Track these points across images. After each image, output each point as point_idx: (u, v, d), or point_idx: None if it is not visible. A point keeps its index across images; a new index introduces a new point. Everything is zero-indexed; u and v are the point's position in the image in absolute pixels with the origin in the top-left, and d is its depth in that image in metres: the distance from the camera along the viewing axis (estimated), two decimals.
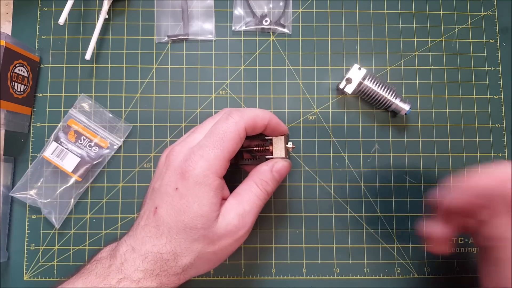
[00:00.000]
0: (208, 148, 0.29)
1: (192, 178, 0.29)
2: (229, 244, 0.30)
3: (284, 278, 0.38)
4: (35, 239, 0.38)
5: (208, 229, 0.29)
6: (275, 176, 0.32)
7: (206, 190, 0.29)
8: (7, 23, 0.41)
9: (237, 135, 0.30)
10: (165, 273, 0.29)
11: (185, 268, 0.29)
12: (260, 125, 0.31)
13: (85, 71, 0.41)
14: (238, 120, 0.30)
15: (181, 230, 0.29)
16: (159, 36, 0.41)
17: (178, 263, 0.29)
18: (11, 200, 0.39)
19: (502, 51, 0.42)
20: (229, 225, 0.30)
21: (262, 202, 0.32)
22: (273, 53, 0.41)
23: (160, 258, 0.28)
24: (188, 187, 0.29)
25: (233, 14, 0.42)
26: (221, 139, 0.29)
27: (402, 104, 0.39)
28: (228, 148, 0.30)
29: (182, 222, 0.29)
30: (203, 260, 0.30)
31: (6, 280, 0.38)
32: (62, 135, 0.39)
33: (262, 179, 0.32)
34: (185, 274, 0.30)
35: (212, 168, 0.29)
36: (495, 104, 0.41)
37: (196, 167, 0.29)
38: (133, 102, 0.40)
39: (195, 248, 0.29)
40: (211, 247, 0.29)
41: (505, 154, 0.41)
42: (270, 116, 0.32)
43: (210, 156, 0.29)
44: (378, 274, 0.39)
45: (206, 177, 0.29)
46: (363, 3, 0.42)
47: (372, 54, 0.42)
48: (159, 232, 0.29)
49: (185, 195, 0.29)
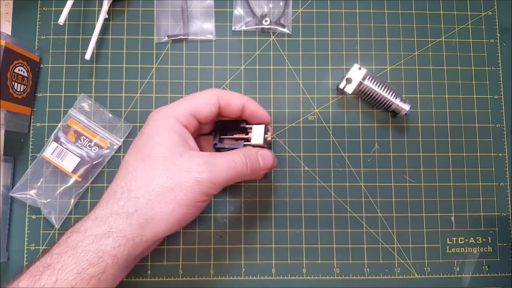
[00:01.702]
0: (175, 103, 0.31)
1: (154, 119, 0.30)
2: (189, 184, 0.27)
3: (284, 278, 0.38)
4: (35, 239, 0.38)
5: (169, 160, 0.28)
6: (259, 159, 0.32)
7: (166, 126, 0.29)
8: (7, 23, 0.41)
9: (208, 97, 0.31)
10: (116, 215, 0.26)
11: (138, 206, 0.26)
12: (236, 103, 0.32)
13: (85, 71, 0.41)
14: (214, 89, 0.32)
15: (139, 162, 0.28)
16: (159, 36, 0.41)
17: (130, 198, 0.27)
18: (11, 200, 0.39)
19: (502, 51, 0.42)
20: (193, 163, 0.28)
21: (238, 167, 0.29)
22: (273, 53, 0.41)
23: (112, 197, 0.27)
24: (149, 126, 0.30)
25: (233, 14, 0.42)
26: (189, 96, 0.32)
27: (402, 104, 0.39)
28: (194, 104, 0.31)
29: (141, 154, 0.28)
30: (160, 198, 0.27)
31: (6, 280, 0.38)
32: (62, 135, 0.39)
33: (246, 152, 0.31)
34: (138, 217, 0.26)
35: (173, 113, 0.30)
36: (495, 104, 0.41)
37: (159, 112, 0.31)
38: (133, 102, 0.40)
39: (151, 180, 0.27)
40: (170, 182, 0.27)
41: (505, 154, 0.41)
42: (247, 98, 0.33)
43: (174, 104, 0.31)
44: (378, 274, 0.39)
45: (166, 118, 0.30)
46: (363, 3, 0.42)
47: (372, 54, 0.42)
48: (117, 175, 0.29)
49: (146, 133, 0.30)
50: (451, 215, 0.40)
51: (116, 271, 0.26)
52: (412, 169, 0.40)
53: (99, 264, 0.25)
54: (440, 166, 0.40)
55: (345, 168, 0.40)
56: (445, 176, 0.40)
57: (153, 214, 0.27)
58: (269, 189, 0.40)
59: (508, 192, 0.40)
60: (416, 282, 0.39)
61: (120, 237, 0.26)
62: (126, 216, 0.26)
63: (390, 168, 0.40)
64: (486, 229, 0.40)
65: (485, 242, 0.40)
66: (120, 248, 0.26)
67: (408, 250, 0.39)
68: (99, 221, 0.27)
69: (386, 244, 0.39)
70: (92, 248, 0.26)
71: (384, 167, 0.40)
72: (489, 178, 0.40)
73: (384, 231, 0.39)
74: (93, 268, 0.25)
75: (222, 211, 0.39)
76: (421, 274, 0.39)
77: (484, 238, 0.40)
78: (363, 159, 0.40)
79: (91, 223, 0.27)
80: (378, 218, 0.39)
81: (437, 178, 0.40)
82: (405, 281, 0.39)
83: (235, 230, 0.39)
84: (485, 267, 0.39)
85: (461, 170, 0.40)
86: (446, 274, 0.39)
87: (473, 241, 0.40)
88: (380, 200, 0.40)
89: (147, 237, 0.27)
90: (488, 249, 0.40)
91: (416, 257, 0.39)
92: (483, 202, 0.40)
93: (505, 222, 0.40)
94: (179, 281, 0.38)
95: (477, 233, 0.40)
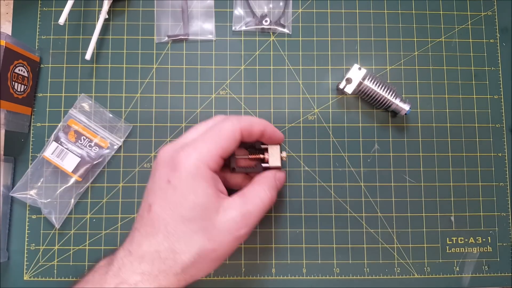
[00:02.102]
0: (202, 143, 0.29)
1: (184, 168, 0.28)
2: (229, 241, 0.29)
3: (284, 278, 0.38)
4: (35, 239, 0.38)
5: (208, 221, 0.28)
6: (277, 184, 0.33)
7: (200, 180, 0.28)
8: (7, 23, 0.41)
9: (232, 134, 0.30)
10: (164, 274, 0.27)
11: (184, 267, 0.28)
12: (256, 131, 0.31)
13: (85, 71, 0.41)
14: (235, 122, 0.30)
15: (179, 224, 0.28)
16: (159, 36, 0.41)
17: (177, 261, 0.28)
18: (11, 200, 0.39)
19: (502, 51, 0.42)
20: (230, 221, 0.28)
21: (265, 207, 0.31)
22: (273, 53, 0.41)
23: (157, 257, 0.27)
24: (181, 179, 0.28)
25: (233, 14, 0.42)
26: (216, 135, 0.30)
27: (402, 104, 0.39)
28: (222, 144, 0.29)
29: (179, 214, 0.28)
30: (203, 258, 0.28)
31: (6, 280, 0.38)
32: (62, 135, 0.39)
33: (268, 184, 0.32)
34: (185, 275, 0.28)
35: (205, 160, 0.28)
36: (495, 104, 0.41)
37: (188, 158, 0.28)
38: (133, 102, 0.40)
39: (195, 243, 0.28)
40: (211, 243, 0.28)
41: (505, 154, 0.41)
42: (266, 123, 0.32)
43: (203, 149, 0.29)
44: (378, 274, 0.39)
45: (199, 168, 0.28)
46: (363, 3, 0.42)
47: (372, 54, 0.42)
48: (155, 230, 0.28)
49: (179, 187, 0.28)
50: (451, 215, 0.40)
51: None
52: (412, 169, 0.40)
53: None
54: (440, 166, 0.40)
55: (345, 168, 0.40)
56: (445, 176, 0.40)
57: (198, 272, 0.29)
58: None
59: (508, 192, 0.40)
60: (416, 282, 0.39)
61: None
62: (174, 275, 0.28)
63: (390, 168, 0.40)
64: (486, 229, 0.40)
65: (485, 242, 0.40)
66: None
67: (408, 250, 0.39)
68: (148, 277, 0.27)
69: (386, 244, 0.39)
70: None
71: (384, 167, 0.40)
72: (489, 178, 0.40)
73: (384, 231, 0.39)
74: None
75: None
76: (421, 274, 0.39)
77: (484, 238, 0.40)
78: (363, 159, 0.40)
79: (140, 278, 0.27)
80: (378, 218, 0.39)
81: (437, 178, 0.40)
82: (405, 281, 0.39)
83: None
84: (485, 267, 0.39)
85: (461, 170, 0.40)
86: (446, 274, 0.39)
87: (473, 241, 0.40)
88: (380, 200, 0.40)
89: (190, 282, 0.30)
90: (488, 249, 0.40)
91: (416, 257, 0.39)
92: (483, 202, 0.40)
93: (505, 222, 0.40)
94: None
95: (477, 233, 0.40)
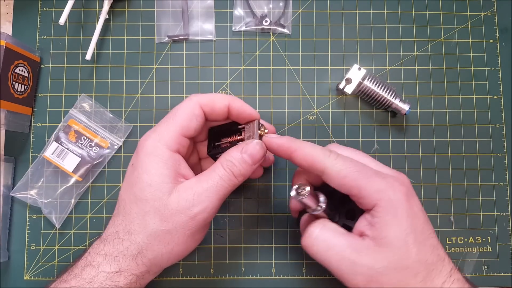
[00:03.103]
0: (161, 124, 0.30)
1: (143, 150, 0.29)
2: (183, 223, 0.28)
3: (284, 278, 0.38)
4: (36, 239, 0.38)
5: (159, 201, 0.28)
6: (245, 158, 0.29)
7: (155, 160, 0.28)
8: (8, 23, 0.41)
9: (190, 110, 0.30)
10: (122, 255, 0.28)
11: (140, 248, 0.28)
12: (219, 106, 0.31)
13: (86, 71, 0.41)
14: (193, 98, 0.31)
15: (132, 204, 0.28)
16: (159, 36, 0.41)
17: (132, 242, 0.28)
18: (11, 200, 0.39)
19: (501, 51, 0.42)
20: (182, 200, 0.28)
21: (226, 183, 0.29)
22: (273, 53, 0.41)
23: (117, 238, 0.28)
24: (139, 159, 0.29)
25: (233, 15, 0.42)
26: (173, 114, 0.30)
27: (402, 104, 0.39)
28: (180, 122, 0.30)
29: (133, 194, 0.28)
30: (158, 240, 0.28)
31: (6, 280, 0.38)
32: (63, 135, 0.39)
33: (228, 159, 0.29)
34: (143, 258, 0.28)
35: (162, 140, 0.29)
36: (494, 104, 0.41)
37: (147, 139, 0.29)
38: (133, 102, 0.40)
39: (147, 224, 0.28)
40: (165, 225, 0.27)
41: (505, 154, 0.41)
42: (231, 98, 0.31)
43: (161, 128, 0.29)
44: None
45: (156, 148, 0.29)
46: (363, 3, 0.42)
47: (372, 54, 0.42)
48: (117, 211, 0.29)
49: (136, 168, 0.29)
50: (450, 214, 0.40)
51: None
52: (411, 169, 0.40)
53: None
54: (440, 166, 0.40)
55: None
56: (444, 176, 0.40)
57: (155, 255, 0.28)
58: (269, 189, 0.40)
59: (507, 192, 0.40)
60: None
61: (130, 275, 0.28)
62: (132, 257, 0.28)
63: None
64: (485, 228, 0.40)
65: (484, 242, 0.40)
66: (132, 284, 0.28)
67: None
68: (109, 258, 0.28)
69: None
70: (106, 285, 0.27)
71: None
72: (488, 178, 0.40)
73: None
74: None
75: (222, 211, 0.39)
76: None
77: (484, 238, 0.40)
78: None
79: (102, 259, 0.28)
80: None
81: (437, 178, 0.40)
82: None
83: (235, 230, 0.39)
84: (485, 266, 0.39)
85: (460, 170, 0.40)
86: None
87: (472, 240, 0.40)
88: None
89: (154, 271, 0.29)
90: (488, 249, 0.40)
91: None
92: (482, 202, 0.40)
93: (505, 222, 0.40)
94: (179, 280, 0.38)
95: (476, 232, 0.40)
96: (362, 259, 0.26)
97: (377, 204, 0.26)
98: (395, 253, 0.25)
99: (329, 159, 0.27)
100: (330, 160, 0.27)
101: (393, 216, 0.26)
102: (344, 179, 0.27)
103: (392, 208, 0.26)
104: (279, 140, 0.30)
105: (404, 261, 0.25)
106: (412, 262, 0.25)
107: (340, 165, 0.27)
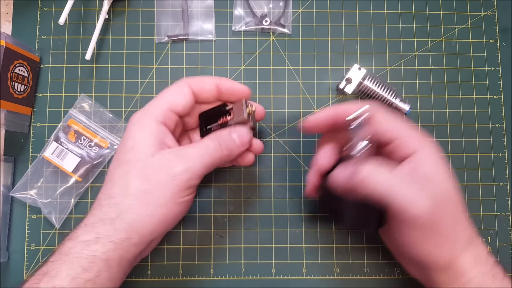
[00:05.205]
0: (151, 102, 0.31)
1: (130, 122, 0.30)
2: (164, 182, 0.27)
3: (284, 278, 0.38)
4: (35, 239, 0.38)
5: (142, 162, 0.28)
6: (233, 137, 0.31)
7: (140, 128, 0.29)
8: (7, 23, 0.41)
9: (179, 88, 0.31)
10: (101, 222, 0.27)
11: (118, 211, 0.27)
12: (208, 85, 0.32)
13: (85, 71, 0.41)
14: (183, 79, 0.32)
15: (116, 168, 0.29)
16: (159, 36, 0.41)
17: (111, 205, 0.27)
18: (11, 200, 0.39)
19: (502, 51, 0.42)
20: (164, 160, 0.28)
21: (212, 151, 0.29)
22: (273, 53, 0.41)
23: (98, 205, 0.28)
24: (127, 131, 0.30)
25: (233, 14, 0.42)
26: (161, 93, 0.31)
27: (402, 104, 0.39)
28: (168, 97, 0.31)
29: (117, 160, 0.29)
30: (138, 201, 0.27)
31: (6, 280, 0.38)
32: (62, 135, 0.39)
33: (217, 134, 0.31)
34: (121, 221, 0.27)
35: (149, 112, 0.30)
36: (495, 104, 0.41)
37: (135, 114, 0.31)
38: (133, 102, 0.40)
39: (128, 184, 0.28)
40: (145, 184, 0.27)
41: (505, 154, 0.41)
42: (219, 78, 0.32)
43: (149, 104, 0.31)
44: (378, 274, 0.39)
45: (142, 118, 0.30)
46: (363, 3, 0.42)
47: (372, 54, 0.42)
48: (104, 182, 0.30)
49: (124, 138, 0.30)
50: None
51: (111, 274, 0.27)
52: None
53: (92, 269, 0.26)
54: None
55: None
56: None
57: (135, 218, 0.27)
58: (269, 189, 0.40)
59: (507, 192, 0.40)
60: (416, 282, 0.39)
61: (107, 242, 0.27)
62: (110, 222, 0.27)
63: None
64: (485, 229, 0.40)
65: (484, 242, 0.40)
66: (110, 253, 0.27)
67: None
68: (88, 227, 0.27)
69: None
70: (83, 254, 0.26)
71: None
72: (488, 178, 0.40)
73: None
74: (87, 273, 0.26)
75: (222, 211, 0.39)
76: None
77: (484, 238, 0.40)
78: None
79: (82, 230, 0.28)
80: None
81: None
82: (405, 280, 0.39)
83: (235, 230, 0.39)
84: None
85: (460, 170, 0.40)
86: None
87: None
88: None
89: (134, 240, 0.28)
90: (488, 249, 0.39)
91: None
92: (482, 202, 0.40)
93: (505, 222, 0.40)
94: (179, 281, 0.38)
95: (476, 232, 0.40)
96: (425, 187, 0.27)
97: (418, 151, 0.28)
98: (444, 189, 0.28)
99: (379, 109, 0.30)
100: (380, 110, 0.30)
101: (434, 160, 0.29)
102: (393, 123, 0.29)
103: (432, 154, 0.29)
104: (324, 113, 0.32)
105: (454, 197, 0.29)
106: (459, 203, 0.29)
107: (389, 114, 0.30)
